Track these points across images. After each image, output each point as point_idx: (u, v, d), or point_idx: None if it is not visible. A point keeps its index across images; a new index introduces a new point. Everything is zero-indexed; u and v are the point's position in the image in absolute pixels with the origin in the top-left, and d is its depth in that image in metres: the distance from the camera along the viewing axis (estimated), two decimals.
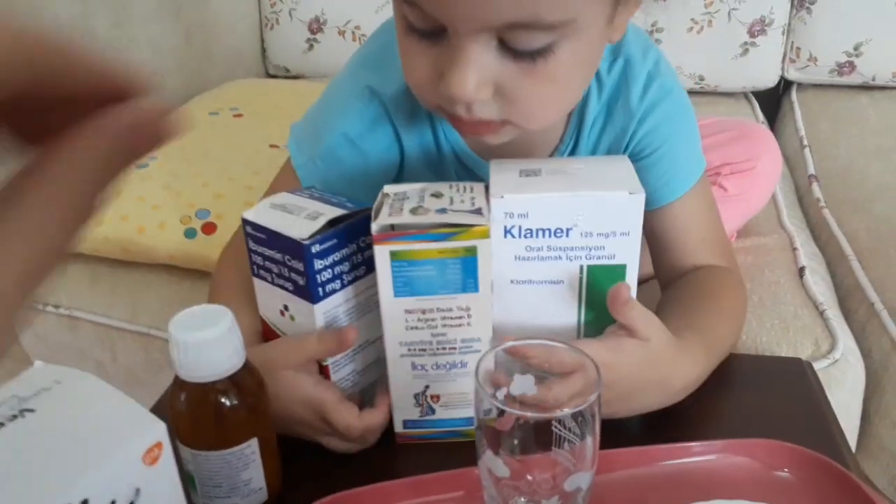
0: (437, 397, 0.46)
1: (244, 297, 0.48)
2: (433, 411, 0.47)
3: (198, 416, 0.40)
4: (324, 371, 0.46)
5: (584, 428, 0.36)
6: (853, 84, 1.15)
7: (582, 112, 0.52)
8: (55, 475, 0.28)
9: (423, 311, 0.43)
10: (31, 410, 0.30)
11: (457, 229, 0.41)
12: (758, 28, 1.11)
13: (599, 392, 0.35)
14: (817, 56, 1.13)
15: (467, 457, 0.40)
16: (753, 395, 0.53)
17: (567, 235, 0.43)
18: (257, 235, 0.44)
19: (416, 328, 0.44)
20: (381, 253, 0.41)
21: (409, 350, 0.44)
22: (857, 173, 0.93)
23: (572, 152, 0.54)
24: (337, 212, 0.43)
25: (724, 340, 0.51)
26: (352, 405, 0.44)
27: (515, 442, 0.37)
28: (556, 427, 0.37)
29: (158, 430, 0.31)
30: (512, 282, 0.45)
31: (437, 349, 0.44)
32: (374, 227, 0.41)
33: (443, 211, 0.41)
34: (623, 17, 0.44)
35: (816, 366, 0.61)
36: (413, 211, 0.41)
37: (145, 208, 0.71)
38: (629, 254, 0.43)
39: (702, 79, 1.16)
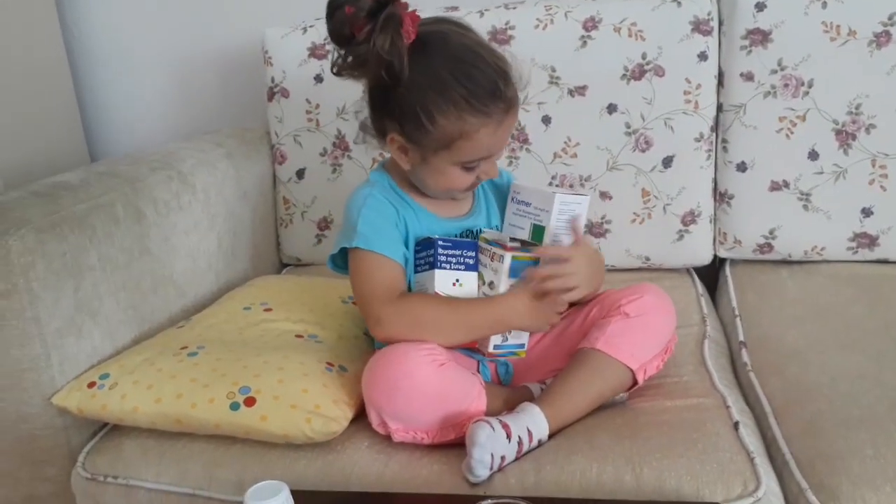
0: (510, 333, 0.94)
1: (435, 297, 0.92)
2: (507, 339, 0.93)
3: None
4: None
5: None
6: (774, 259, 1.37)
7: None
8: None
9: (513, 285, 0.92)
10: None
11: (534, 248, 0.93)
12: (689, 219, 1.35)
13: None
14: (741, 239, 1.36)
15: None
16: None
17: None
18: (446, 245, 0.92)
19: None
20: (507, 256, 0.90)
21: None
22: (775, 340, 1.12)
23: (483, 196, 1.04)
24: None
25: None
26: None
27: None
28: None
29: None
30: None
31: None
32: (509, 244, 0.93)
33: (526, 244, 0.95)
34: None
35: (743, 503, 0.77)
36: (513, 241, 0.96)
37: (197, 387, 0.88)
38: None
39: (647, 259, 1.38)
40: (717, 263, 1.44)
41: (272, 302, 1.13)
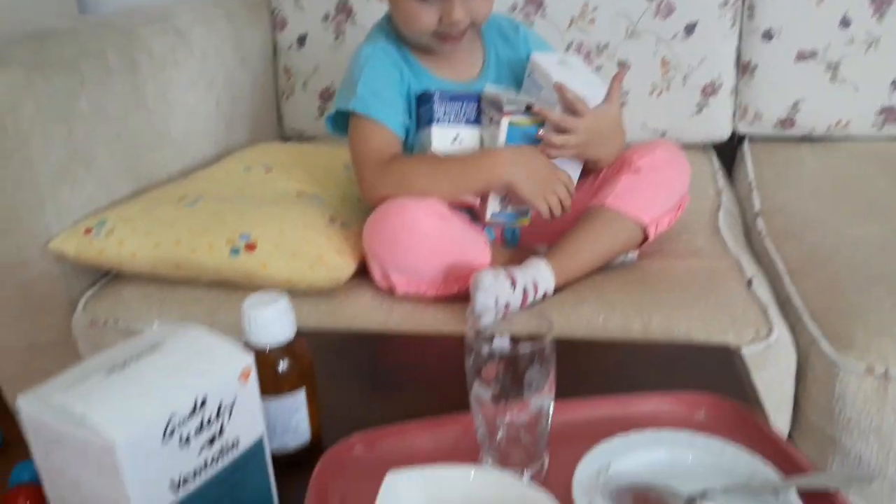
0: (509, 200, 0.88)
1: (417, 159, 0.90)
2: (507, 207, 0.88)
3: (260, 373, 0.53)
4: None
5: (543, 370, 0.50)
6: (795, 136, 1.32)
7: (485, 43, 0.96)
8: (186, 378, 0.42)
9: None
10: (162, 346, 0.44)
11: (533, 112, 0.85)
12: (709, 90, 1.29)
13: (552, 338, 0.50)
14: (762, 113, 1.30)
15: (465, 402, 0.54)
16: (686, 373, 0.67)
17: None
18: (444, 98, 0.86)
19: None
20: (504, 122, 0.83)
21: None
22: (794, 210, 1.08)
23: (495, 58, 0.97)
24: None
25: None
26: None
27: (498, 386, 0.51)
28: (526, 376, 0.51)
29: (249, 359, 0.45)
30: None
31: None
32: (505, 107, 0.83)
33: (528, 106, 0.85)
34: None
35: (755, 348, 0.75)
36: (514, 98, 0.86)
37: (195, 234, 0.86)
38: None
39: (664, 133, 1.33)
40: (735, 142, 1.38)
41: (273, 164, 1.09)
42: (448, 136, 0.88)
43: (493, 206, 0.89)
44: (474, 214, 0.92)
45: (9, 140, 0.85)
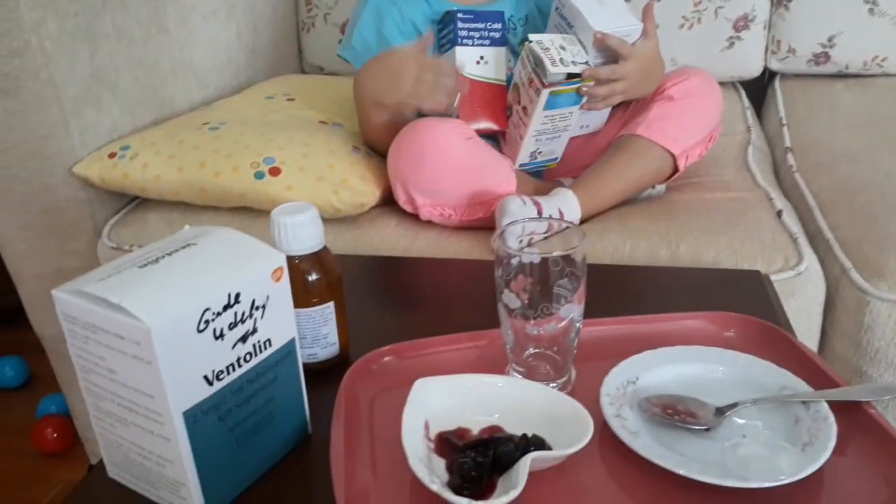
0: (540, 153, 0.90)
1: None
2: (536, 158, 0.90)
3: (291, 282, 0.53)
4: None
5: (573, 280, 0.50)
6: (829, 73, 1.28)
7: None
8: (219, 275, 0.42)
9: (552, 117, 0.84)
10: (195, 244, 0.44)
11: (578, 78, 0.81)
12: (742, 23, 1.25)
13: (583, 247, 0.49)
14: (796, 48, 1.26)
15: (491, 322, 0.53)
16: (715, 297, 0.66)
17: None
18: (467, 17, 0.86)
19: (546, 122, 0.85)
20: (543, 93, 0.80)
21: (538, 132, 0.86)
22: (826, 144, 1.06)
23: None
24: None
25: None
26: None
27: (527, 296, 0.51)
28: (555, 288, 0.51)
29: (281, 259, 0.45)
30: None
31: (552, 131, 0.87)
32: (547, 79, 0.80)
33: (574, 63, 0.81)
34: None
35: (784, 276, 0.74)
36: (558, 62, 0.81)
37: (220, 157, 0.85)
38: None
39: None
40: (766, 80, 1.35)
41: (296, 94, 1.08)
42: (473, 58, 0.87)
43: (521, 158, 0.88)
44: (500, 146, 0.92)
45: (32, 59, 0.84)
